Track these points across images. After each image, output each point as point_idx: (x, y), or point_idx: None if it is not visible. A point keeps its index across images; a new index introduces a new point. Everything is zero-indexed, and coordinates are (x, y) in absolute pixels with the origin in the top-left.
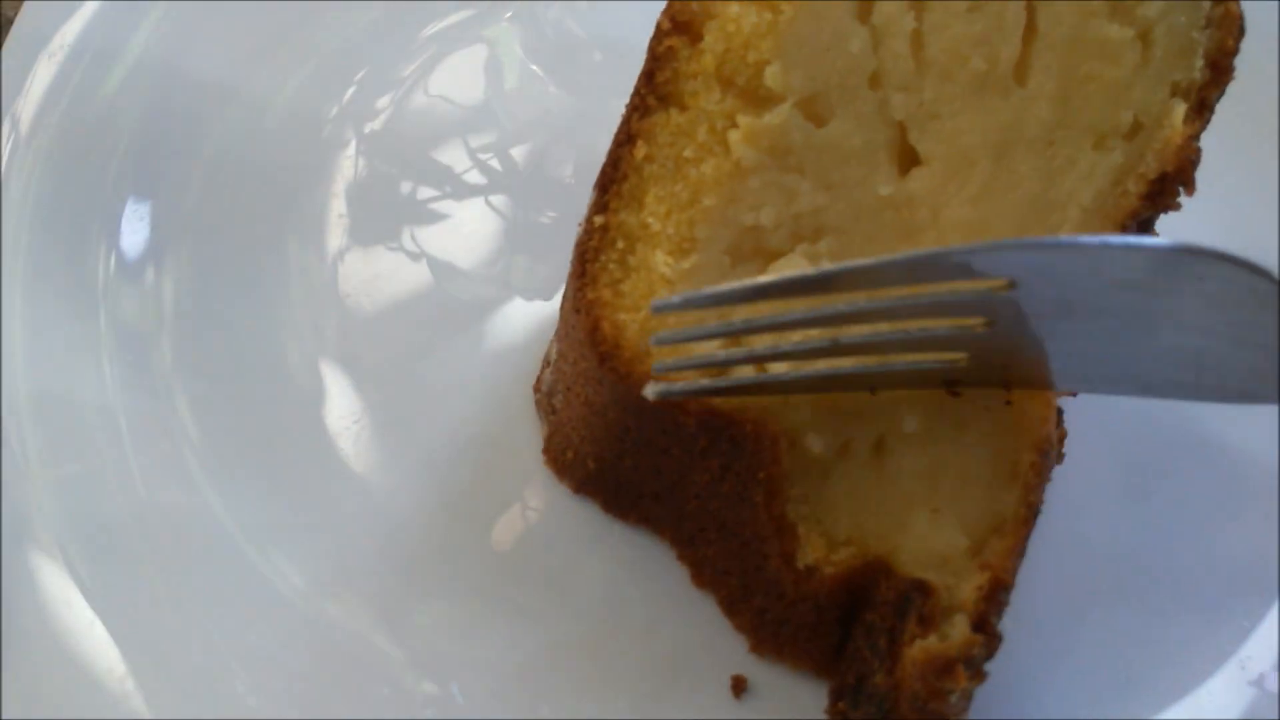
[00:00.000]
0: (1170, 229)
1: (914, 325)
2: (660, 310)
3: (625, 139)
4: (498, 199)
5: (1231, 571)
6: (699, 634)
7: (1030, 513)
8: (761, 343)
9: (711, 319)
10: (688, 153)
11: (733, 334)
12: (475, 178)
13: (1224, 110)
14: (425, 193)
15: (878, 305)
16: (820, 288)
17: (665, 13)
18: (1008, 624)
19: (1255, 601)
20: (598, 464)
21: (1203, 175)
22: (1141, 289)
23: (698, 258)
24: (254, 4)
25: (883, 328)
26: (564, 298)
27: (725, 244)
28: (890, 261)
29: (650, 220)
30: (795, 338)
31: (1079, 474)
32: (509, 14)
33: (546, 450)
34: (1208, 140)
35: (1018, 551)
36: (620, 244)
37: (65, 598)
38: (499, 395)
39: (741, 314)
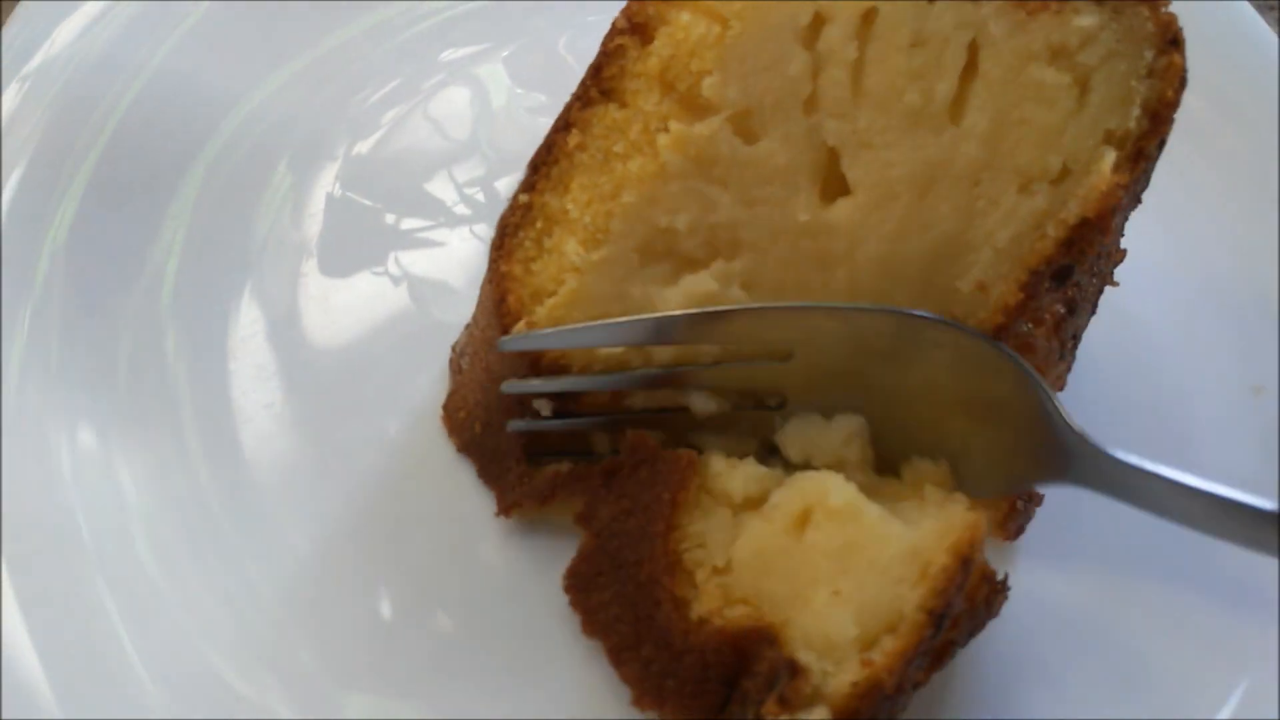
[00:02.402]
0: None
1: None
2: (505, 348)
3: (562, 125)
4: (481, 228)
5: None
6: None
7: (930, 619)
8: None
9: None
10: (618, 148)
11: (565, 389)
12: (462, 209)
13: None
14: (411, 223)
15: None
16: (652, 336)
17: (623, 12)
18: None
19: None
20: (484, 429)
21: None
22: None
23: (608, 250)
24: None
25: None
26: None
27: (637, 241)
28: (694, 314)
29: (570, 207)
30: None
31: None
32: (506, 52)
33: (446, 406)
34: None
35: (908, 658)
36: (539, 224)
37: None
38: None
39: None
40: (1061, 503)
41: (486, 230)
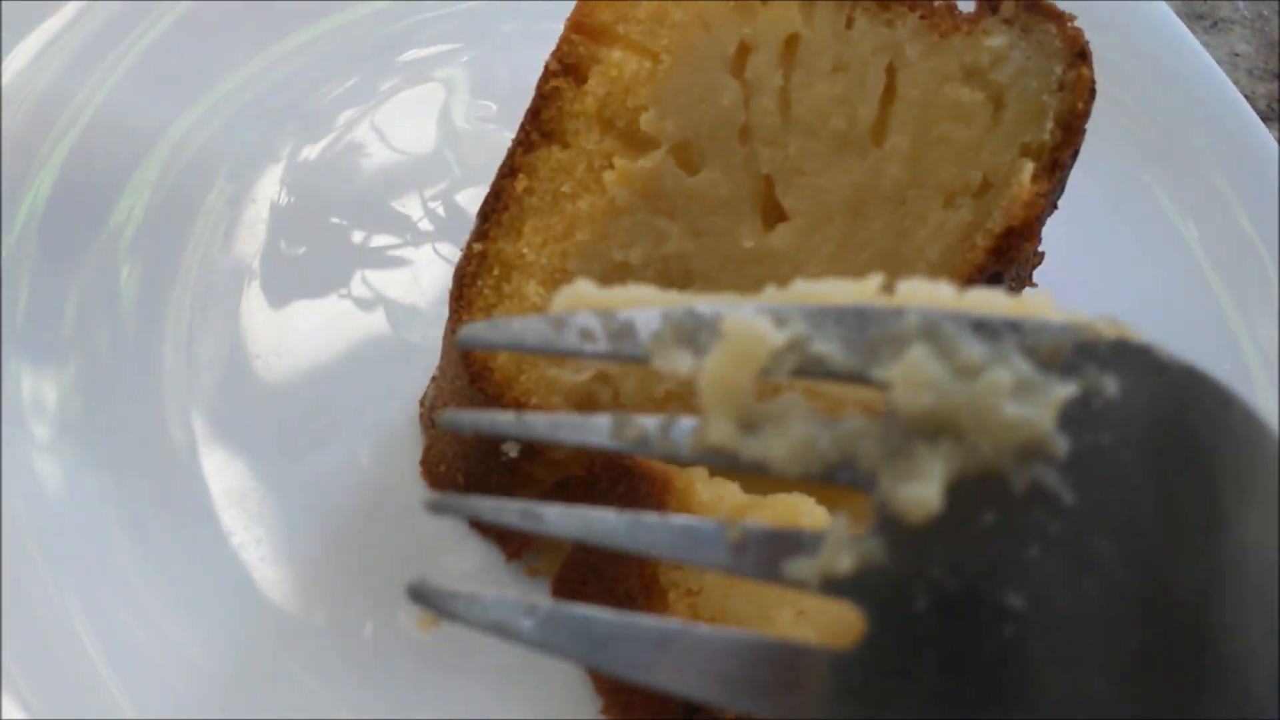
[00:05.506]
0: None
1: None
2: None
3: (508, 172)
4: (445, 246)
5: None
6: None
7: None
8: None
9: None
10: (566, 188)
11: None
12: (425, 225)
13: None
14: (381, 240)
15: None
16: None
17: (554, 55)
18: None
19: None
20: (467, 480)
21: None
22: None
23: None
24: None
25: None
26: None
27: (595, 277)
28: None
29: (526, 250)
30: None
31: None
32: (464, 58)
33: (423, 462)
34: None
35: None
36: (496, 271)
37: None
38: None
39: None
40: None
41: (450, 250)
